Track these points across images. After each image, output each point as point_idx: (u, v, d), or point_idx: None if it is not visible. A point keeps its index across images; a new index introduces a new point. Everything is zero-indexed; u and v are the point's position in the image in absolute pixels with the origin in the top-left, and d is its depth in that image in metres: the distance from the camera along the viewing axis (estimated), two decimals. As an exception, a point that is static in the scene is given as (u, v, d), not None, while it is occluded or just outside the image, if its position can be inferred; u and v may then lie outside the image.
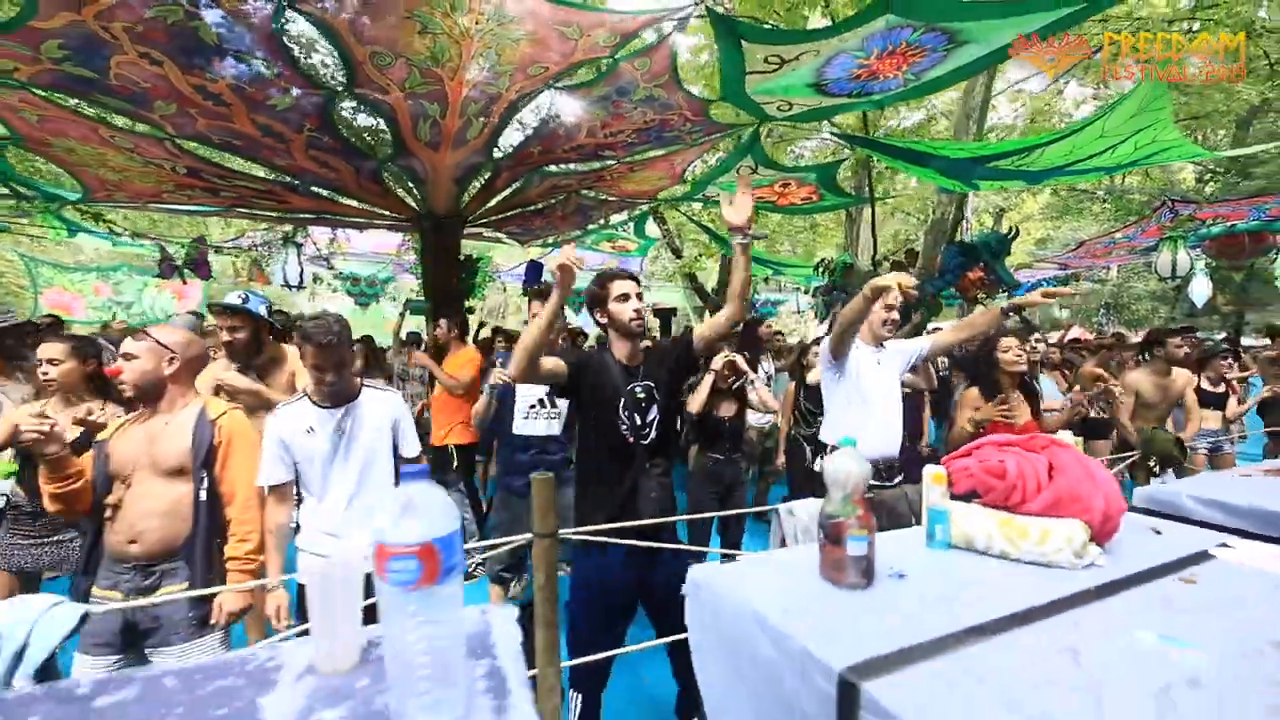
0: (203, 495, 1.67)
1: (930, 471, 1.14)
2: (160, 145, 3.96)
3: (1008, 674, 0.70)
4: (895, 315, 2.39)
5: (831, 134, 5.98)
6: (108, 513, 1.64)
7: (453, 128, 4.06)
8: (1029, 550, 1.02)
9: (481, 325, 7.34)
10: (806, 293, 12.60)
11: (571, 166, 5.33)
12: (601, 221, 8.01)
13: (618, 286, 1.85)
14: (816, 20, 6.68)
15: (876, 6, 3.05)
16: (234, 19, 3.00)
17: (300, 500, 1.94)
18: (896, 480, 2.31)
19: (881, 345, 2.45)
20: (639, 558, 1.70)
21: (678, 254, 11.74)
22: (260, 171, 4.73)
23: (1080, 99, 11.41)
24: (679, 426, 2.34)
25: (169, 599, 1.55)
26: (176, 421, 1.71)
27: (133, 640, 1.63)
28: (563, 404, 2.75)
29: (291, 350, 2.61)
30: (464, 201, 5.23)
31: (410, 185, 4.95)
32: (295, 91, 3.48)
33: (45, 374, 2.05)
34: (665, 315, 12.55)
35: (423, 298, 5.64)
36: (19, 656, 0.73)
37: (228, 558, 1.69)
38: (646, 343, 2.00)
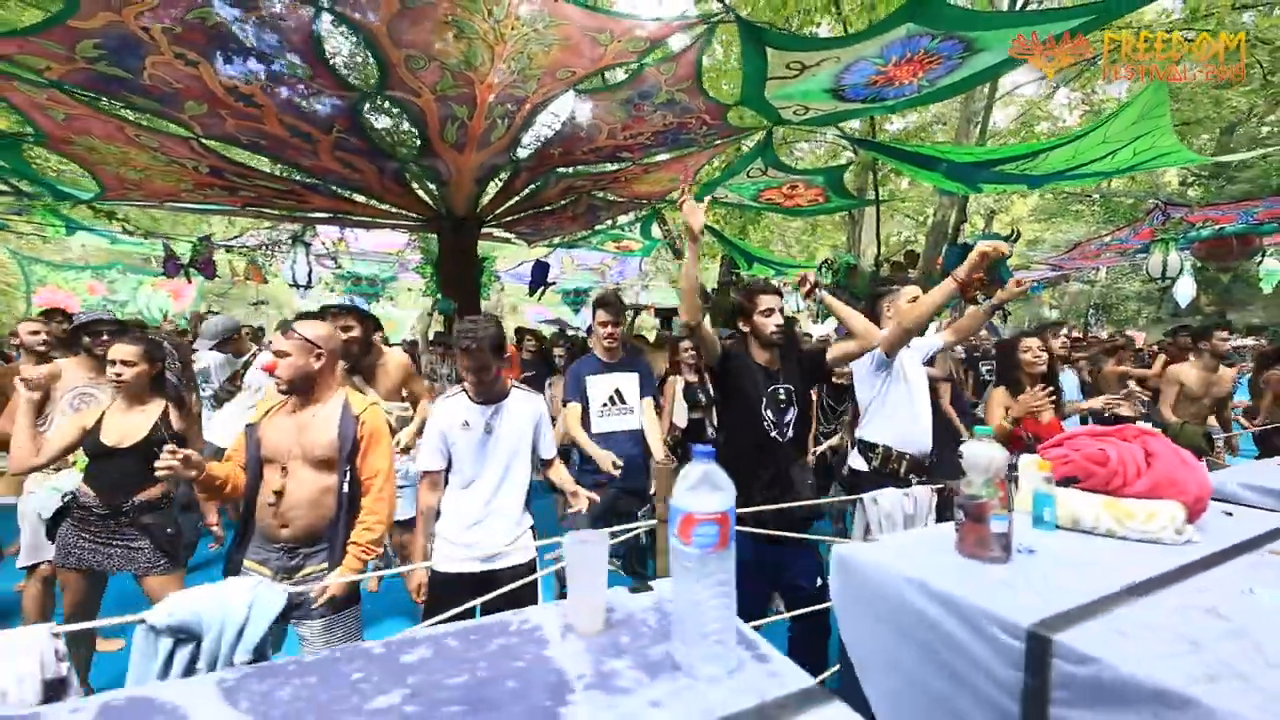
0: (345, 486, 1.76)
1: (1032, 460, 1.25)
2: (185, 144, 3.98)
3: (1169, 625, 0.82)
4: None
5: (842, 137, 6.10)
6: (270, 498, 1.72)
7: (478, 129, 4.13)
8: (1134, 529, 1.16)
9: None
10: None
11: (588, 168, 5.41)
12: (609, 222, 8.08)
13: (764, 301, 2.05)
14: (827, 28, 6.82)
15: (899, 15, 3.16)
16: (273, 22, 3.04)
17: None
18: (933, 475, 2.41)
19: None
20: (769, 544, 1.86)
21: (679, 254, 11.85)
22: (281, 171, 4.75)
23: (1071, 103, 11.69)
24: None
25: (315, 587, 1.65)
26: (323, 414, 1.79)
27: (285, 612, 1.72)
28: (633, 400, 2.87)
29: (391, 353, 2.83)
30: (482, 202, 5.28)
31: (431, 186, 4.99)
32: (327, 93, 3.53)
33: (119, 375, 2.12)
34: (667, 315, 12.63)
35: (442, 297, 5.68)
36: (239, 635, 0.79)
37: (351, 541, 1.76)
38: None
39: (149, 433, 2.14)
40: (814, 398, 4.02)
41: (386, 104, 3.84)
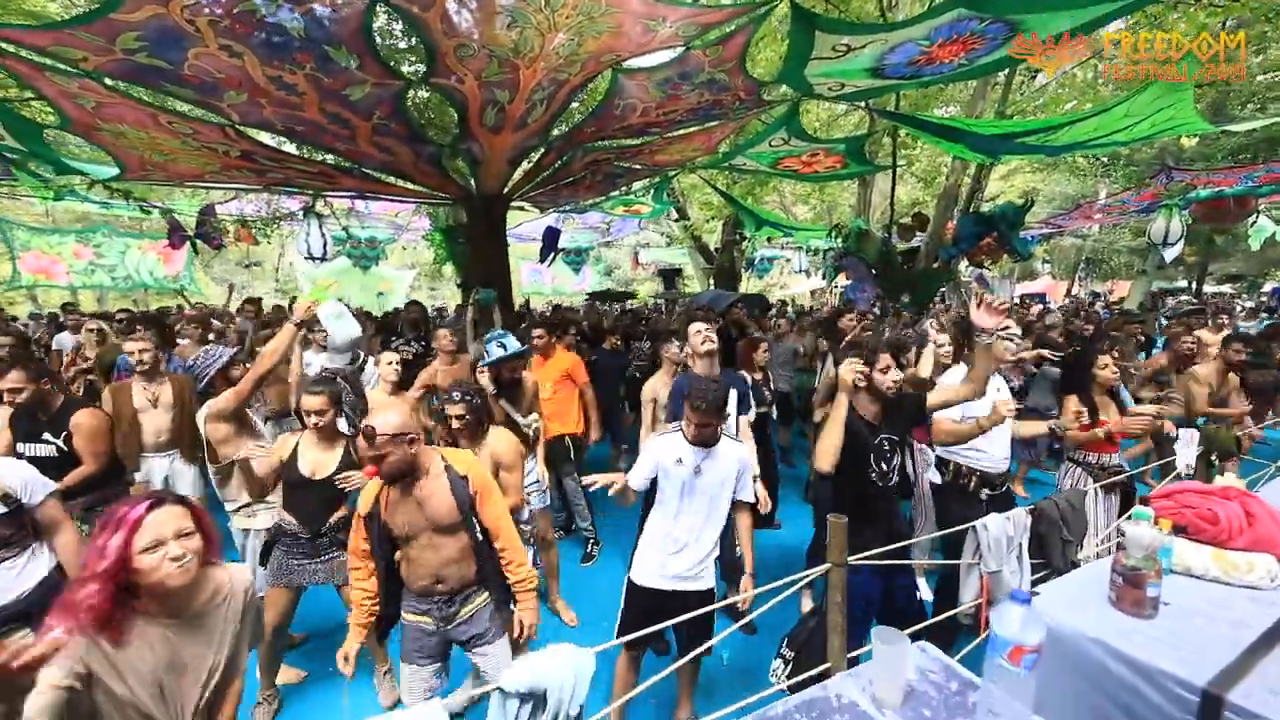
0: (479, 536, 1.95)
1: (1148, 513, 1.49)
2: (219, 130, 3.89)
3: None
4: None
5: (870, 109, 6.06)
6: (420, 569, 1.94)
7: (517, 112, 4.08)
8: (1238, 577, 1.47)
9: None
10: (807, 252, 12.86)
11: (614, 141, 5.36)
12: (624, 189, 8.01)
13: (883, 359, 2.13)
14: (873, 12, 6.66)
15: (952, 1, 3.18)
16: (326, 13, 2.96)
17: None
18: (1002, 490, 2.65)
19: None
20: (881, 576, 2.07)
21: (684, 216, 11.78)
22: (312, 153, 4.66)
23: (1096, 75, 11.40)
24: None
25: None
26: (434, 485, 1.92)
27: (446, 651, 2.04)
28: (732, 418, 2.97)
29: (527, 376, 3.28)
30: (513, 180, 5.24)
31: (464, 166, 4.93)
32: (373, 81, 3.46)
33: (315, 423, 2.39)
34: (669, 275, 12.72)
35: (460, 280, 5.70)
36: (572, 695, 0.98)
37: (514, 585, 2.00)
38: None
39: (338, 465, 2.42)
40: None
41: (428, 91, 3.77)
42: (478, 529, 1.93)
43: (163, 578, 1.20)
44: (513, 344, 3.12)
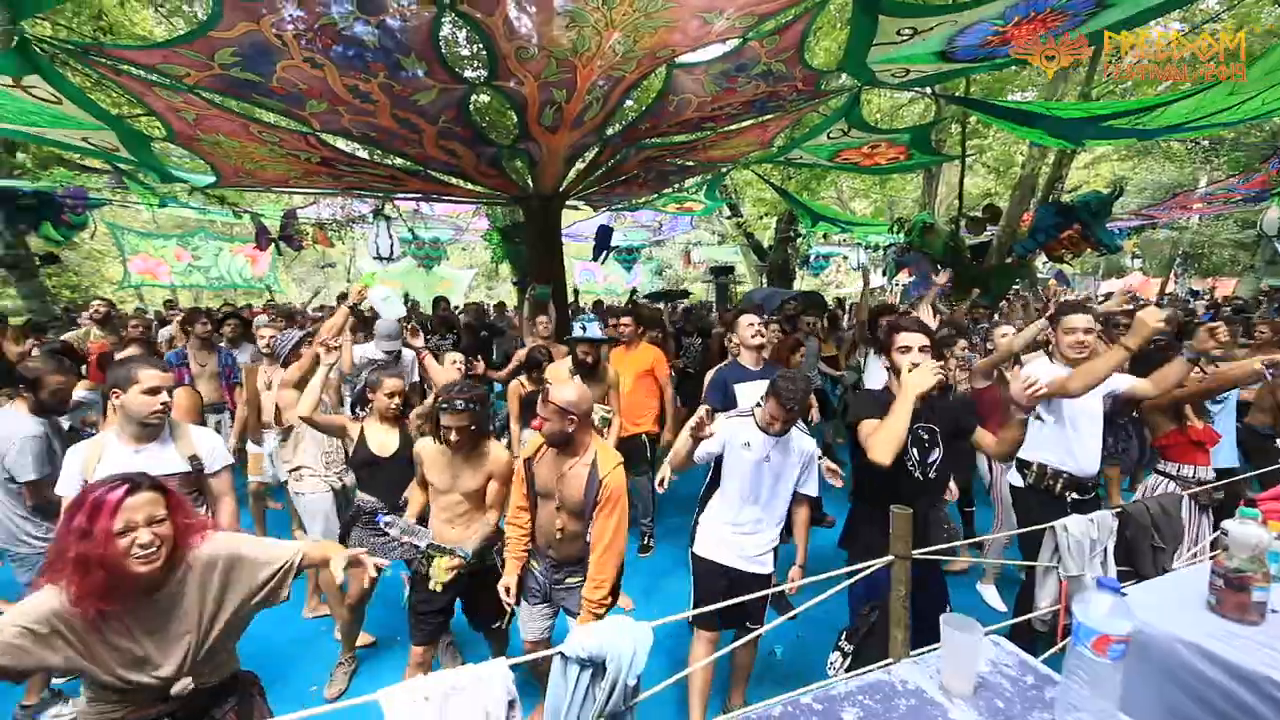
0: (590, 533, 2.07)
1: (1256, 512, 1.35)
2: (303, 139, 4.18)
3: None
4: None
5: (937, 95, 5.78)
6: (545, 527, 2.14)
7: (574, 111, 4.16)
8: None
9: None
10: (865, 248, 12.40)
11: (669, 138, 5.36)
12: (677, 186, 8.00)
13: (901, 339, 1.98)
14: None
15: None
16: (398, 23, 3.13)
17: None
18: (1090, 495, 2.45)
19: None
20: (920, 579, 1.93)
21: (736, 212, 11.63)
22: (383, 157, 4.93)
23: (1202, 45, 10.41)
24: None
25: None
26: (577, 469, 2.08)
27: (550, 597, 2.26)
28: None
29: (609, 365, 3.42)
30: (569, 179, 5.35)
31: (521, 166, 5.08)
32: (440, 86, 3.62)
33: (391, 406, 2.62)
34: (722, 273, 12.59)
35: (516, 278, 5.86)
36: (630, 664, 1.01)
37: (585, 598, 2.05)
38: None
39: (399, 446, 2.61)
40: None
41: (489, 93, 3.90)
42: (592, 524, 2.05)
43: (128, 564, 1.20)
44: (594, 330, 3.19)
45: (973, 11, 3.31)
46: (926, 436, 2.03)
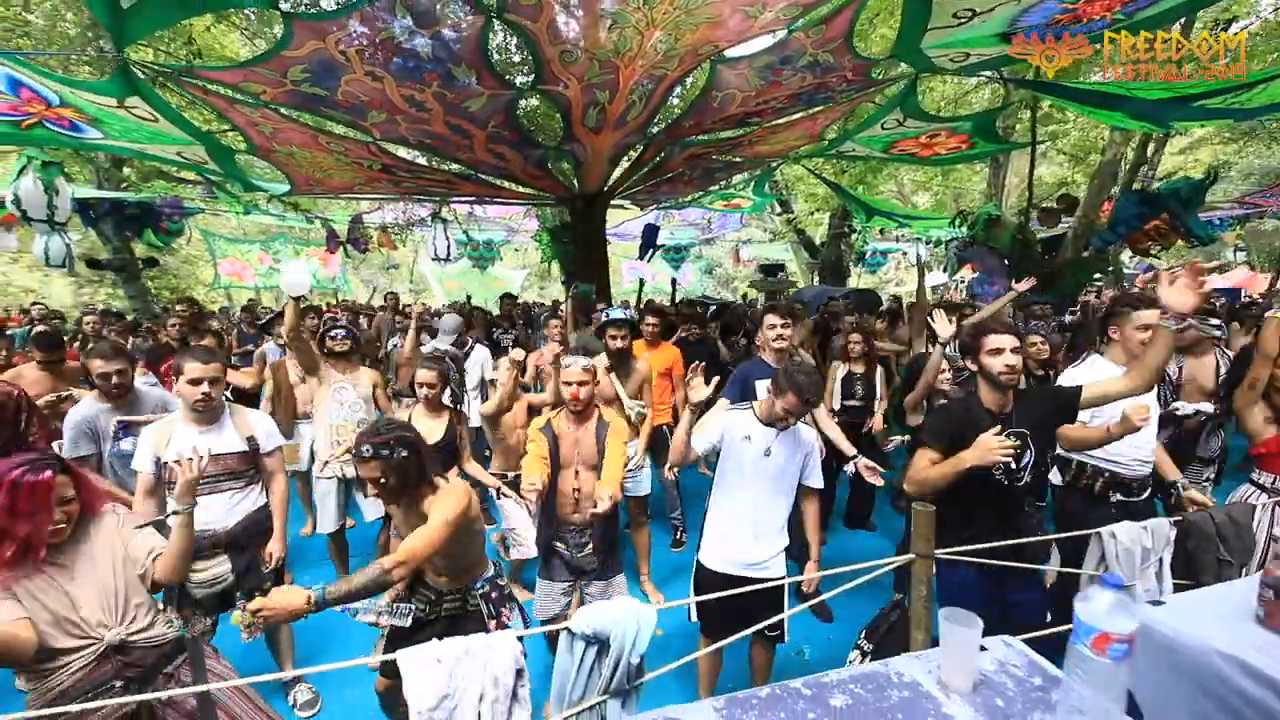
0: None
1: None
2: (365, 147, 4.45)
3: None
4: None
5: (1003, 80, 5.45)
6: (571, 494, 2.27)
7: (617, 111, 4.21)
8: None
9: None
10: (926, 244, 11.82)
11: (714, 135, 5.33)
12: (723, 183, 7.93)
13: (991, 341, 1.85)
14: None
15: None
16: (449, 35, 3.28)
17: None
18: (1145, 495, 2.29)
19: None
20: (993, 583, 1.83)
21: (787, 209, 11.37)
22: (438, 163, 5.17)
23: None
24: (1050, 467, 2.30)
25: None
26: (589, 427, 2.33)
27: (577, 576, 2.37)
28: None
29: (638, 361, 3.38)
30: (613, 178, 5.42)
31: (566, 168, 5.20)
32: (489, 93, 3.77)
33: (426, 395, 2.75)
34: (770, 272, 12.33)
35: (564, 277, 5.99)
36: (634, 644, 1.04)
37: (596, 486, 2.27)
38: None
39: (445, 433, 2.76)
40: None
41: (536, 97, 4.02)
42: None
43: (37, 539, 1.35)
44: (616, 312, 3.25)
45: (1036, -12, 3.12)
46: (1017, 441, 1.79)
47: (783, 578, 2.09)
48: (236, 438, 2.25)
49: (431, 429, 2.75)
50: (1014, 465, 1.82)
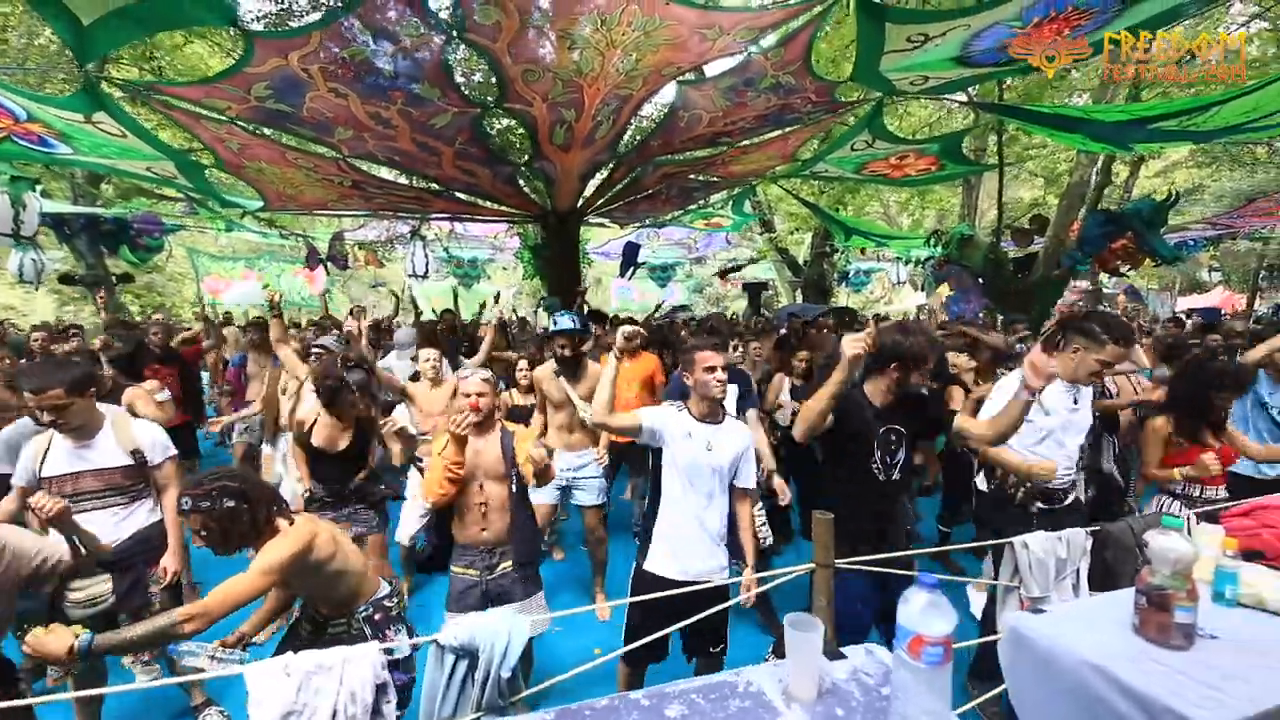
0: (514, 489, 2.19)
1: (1215, 534, 1.20)
2: (334, 164, 4.47)
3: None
4: None
5: (964, 103, 5.58)
6: (477, 509, 2.19)
7: (584, 130, 4.25)
8: None
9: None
10: (906, 263, 11.95)
11: (686, 154, 5.40)
12: (701, 201, 8.01)
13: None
14: None
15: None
16: (410, 52, 3.31)
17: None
18: (1064, 505, 2.28)
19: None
20: (881, 582, 1.87)
21: (769, 228, 11.50)
22: (410, 180, 5.19)
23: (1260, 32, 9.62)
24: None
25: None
26: (491, 437, 2.24)
27: (486, 604, 2.20)
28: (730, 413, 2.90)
29: (592, 364, 3.31)
30: (585, 196, 5.46)
31: (539, 185, 5.23)
32: (454, 110, 3.80)
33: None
34: (756, 289, 12.41)
35: (546, 294, 5.99)
36: (504, 655, 1.00)
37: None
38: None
39: (350, 441, 2.73)
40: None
41: (502, 115, 4.06)
42: (515, 481, 2.16)
43: None
44: (564, 321, 3.16)
45: (984, 15, 3.20)
46: (895, 439, 1.95)
47: (725, 587, 2.05)
48: (118, 451, 2.16)
49: (336, 438, 2.71)
50: (888, 460, 1.93)
